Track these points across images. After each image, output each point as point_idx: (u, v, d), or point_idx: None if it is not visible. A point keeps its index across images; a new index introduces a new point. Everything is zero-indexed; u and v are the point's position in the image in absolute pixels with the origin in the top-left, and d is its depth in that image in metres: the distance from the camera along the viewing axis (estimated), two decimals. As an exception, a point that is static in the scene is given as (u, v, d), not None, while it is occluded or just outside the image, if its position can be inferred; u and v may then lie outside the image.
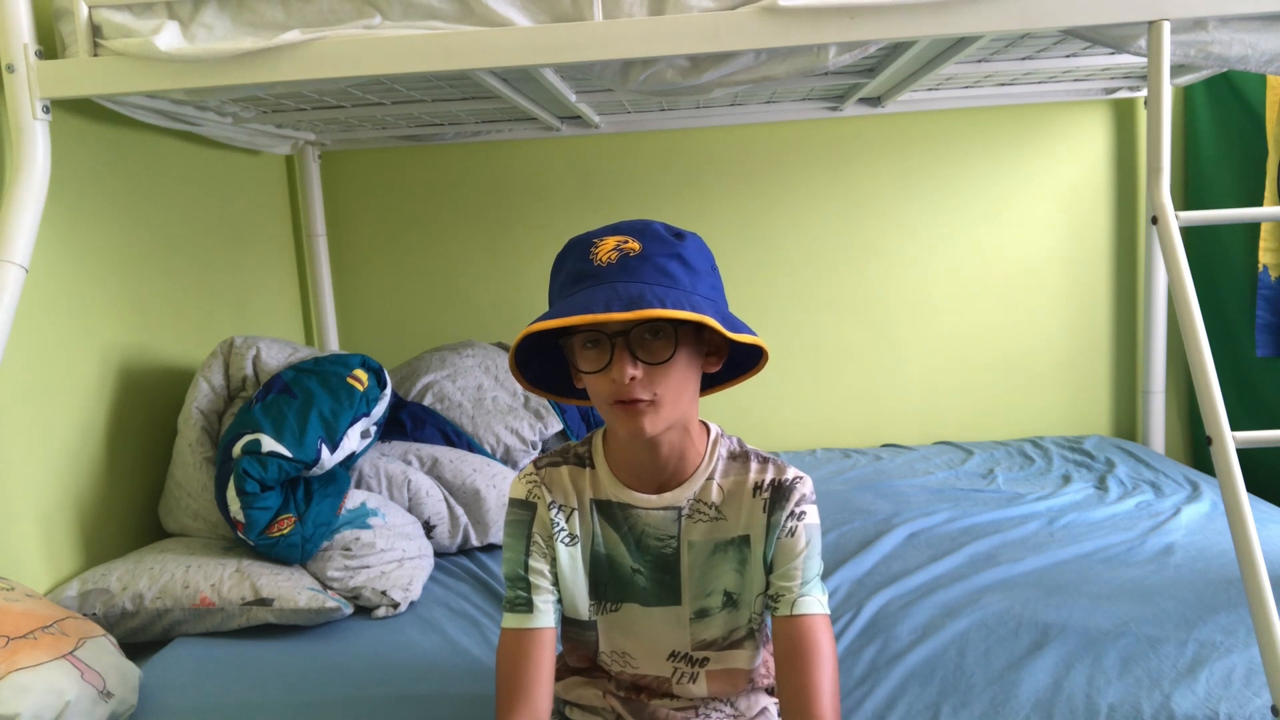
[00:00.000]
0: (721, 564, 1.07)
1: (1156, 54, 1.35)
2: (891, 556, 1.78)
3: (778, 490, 1.04)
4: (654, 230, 0.99)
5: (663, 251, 0.97)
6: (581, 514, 1.09)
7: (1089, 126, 2.57)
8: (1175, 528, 1.86)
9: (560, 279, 1.01)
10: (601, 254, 0.97)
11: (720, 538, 1.06)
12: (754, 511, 1.05)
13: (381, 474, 1.88)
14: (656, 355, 0.96)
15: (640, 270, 0.95)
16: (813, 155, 2.62)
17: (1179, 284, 1.30)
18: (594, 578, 1.10)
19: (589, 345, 0.97)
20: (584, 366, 0.98)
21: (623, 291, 0.92)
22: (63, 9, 1.48)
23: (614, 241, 0.97)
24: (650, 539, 1.07)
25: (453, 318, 2.73)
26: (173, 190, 2.07)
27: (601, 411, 1.01)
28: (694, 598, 1.08)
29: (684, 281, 0.96)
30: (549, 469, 1.10)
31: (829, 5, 1.36)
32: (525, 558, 1.08)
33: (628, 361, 0.94)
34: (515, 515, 1.09)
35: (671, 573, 1.08)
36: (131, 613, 1.56)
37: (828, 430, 2.72)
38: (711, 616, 1.09)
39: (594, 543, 1.09)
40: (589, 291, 0.94)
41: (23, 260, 1.42)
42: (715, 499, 1.06)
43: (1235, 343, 2.39)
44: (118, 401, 1.82)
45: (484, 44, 1.41)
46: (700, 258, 1.00)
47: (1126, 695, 1.24)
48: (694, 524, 1.06)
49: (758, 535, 1.05)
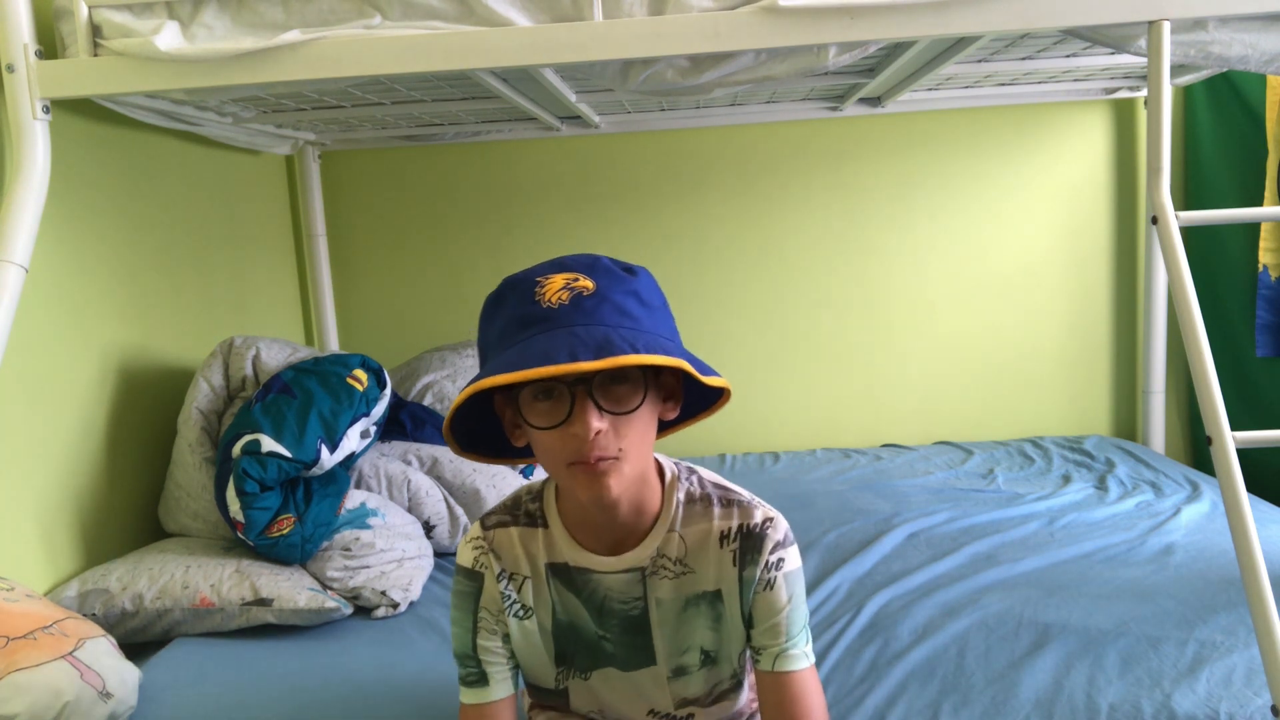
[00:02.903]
0: (694, 620, 0.98)
1: (1156, 54, 1.35)
2: (891, 556, 1.78)
3: (747, 539, 0.94)
4: (604, 265, 0.89)
5: (619, 289, 0.86)
6: (536, 581, 0.99)
7: (1089, 126, 2.57)
8: (1175, 528, 1.86)
9: (498, 325, 0.88)
10: (550, 294, 0.85)
11: (689, 592, 0.97)
12: (723, 565, 0.95)
13: (381, 474, 1.88)
14: (623, 404, 0.85)
15: (598, 311, 0.84)
16: (813, 155, 2.62)
17: (1179, 284, 1.30)
18: (559, 648, 1.01)
19: (541, 397, 0.85)
20: (537, 422, 0.86)
21: (585, 336, 0.81)
22: (63, 9, 1.48)
23: (562, 280, 0.86)
24: (614, 603, 0.98)
25: (453, 318, 2.73)
26: (172, 190, 2.07)
27: (555, 473, 0.90)
28: (669, 656, 1.00)
29: (644, 321, 0.86)
30: (497, 530, 1.00)
31: (829, 5, 1.36)
32: (473, 637, 0.99)
33: (592, 413, 0.83)
34: (461, 586, 1.00)
35: (642, 633, 0.99)
36: (131, 613, 1.56)
37: (828, 430, 2.72)
38: (690, 674, 1.01)
39: (554, 612, 1.00)
40: (546, 337, 0.82)
41: (23, 260, 1.42)
42: (678, 554, 0.96)
43: (1235, 343, 2.39)
44: (118, 401, 1.82)
45: (484, 44, 1.40)
46: (654, 294, 0.90)
47: (1127, 695, 1.24)
48: (659, 581, 0.96)
49: (730, 590, 0.96)
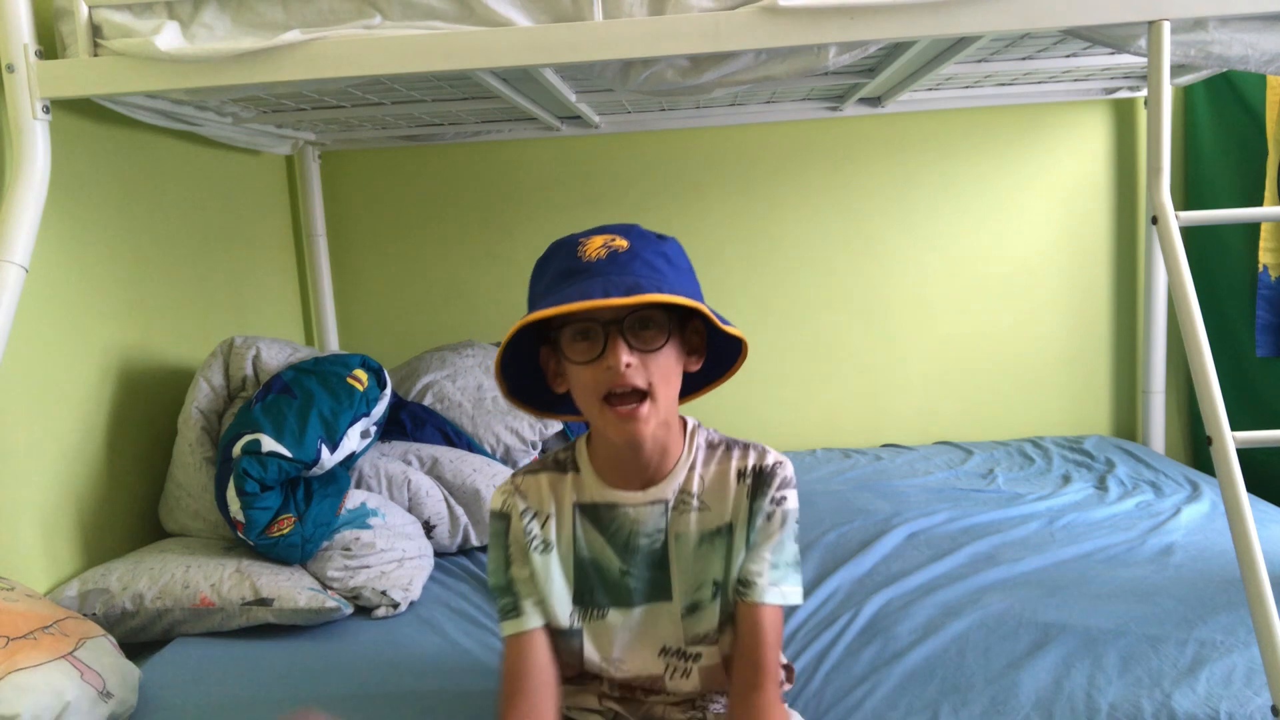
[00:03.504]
0: (709, 555, 1.08)
1: (1156, 54, 1.35)
2: (891, 556, 1.78)
3: (759, 475, 1.06)
4: (638, 230, 1.03)
5: (650, 249, 1.00)
6: (560, 520, 1.09)
7: (1089, 126, 2.57)
8: (1175, 528, 1.86)
9: (546, 278, 1.02)
10: (590, 251, 0.99)
11: (706, 528, 1.08)
12: (739, 499, 1.07)
13: (381, 474, 1.88)
14: (649, 343, 0.98)
15: (630, 265, 0.97)
16: (813, 155, 2.62)
17: (1179, 284, 1.30)
18: (579, 584, 1.10)
19: (579, 338, 0.98)
20: (576, 358, 0.99)
21: (618, 281, 0.95)
22: (63, 9, 1.47)
23: (601, 240, 1.00)
24: (640, 536, 1.08)
25: (453, 318, 2.73)
26: (173, 190, 2.07)
27: (591, 414, 1.01)
28: (685, 592, 1.09)
29: (670, 276, 0.99)
30: (526, 477, 1.11)
31: (829, 5, 1.36)
32: (506, 568, 1.09)
33: (622, 349, 0.96)
34: (493, 528, 1.11)
35: (662, 569, 1.09)
36: (131, 613, 1.56)
37: (828, 430, 2.72)
38: (703, 610, 1.09)
39: (576, 548, 1.09)
40: (584, 283, 0.96)
41: (23, 260, 1.42)
42: (698, 489, 1.07)
43: (1235, 343, 2.39)
44: (118, 401, 1.82)
45: (484, 44, 1.40)
46: (681, 258, 1.03)
47: (1127, 695, 1.24)
48: (680, 515, 1.08)
49: (740, 521, 1.07)
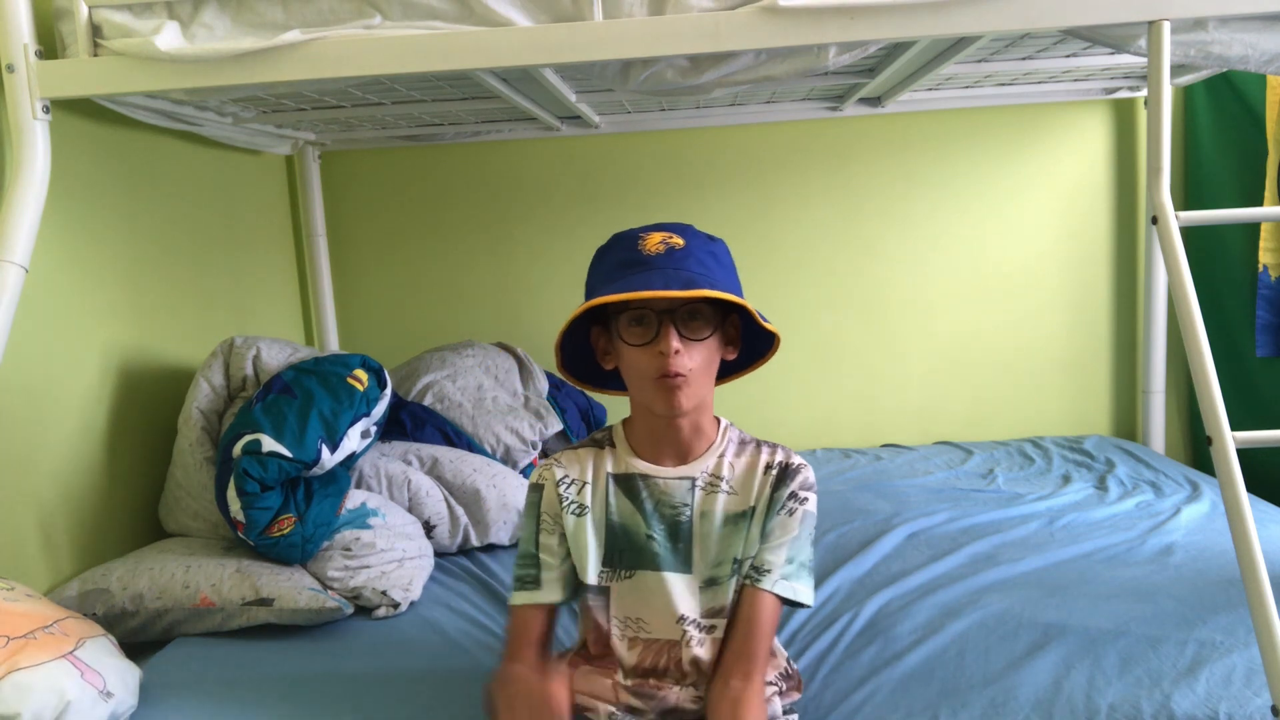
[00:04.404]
0: (732, 536, 1.15)
1: (1156, 54, 1.35)
2: (891, 556, 1.78)
3: (784, 470, 1.16)
4: (693, 230, 1.14)
5: (703, 249, 1.11)
6: (595, 488, 1.18)
7: (1089, 126, 2.57)
8: (1175, 528, 1.86)
9: (605, 266, 1.12)
10: (650, 245, 1.09)
11: (732, 511, 1.16)
12: (763, 488, 1.16)
13: (381, 474, 1.88)
14: (696, 333, 1.09)
15: (685, 261, 1.08)
16: (813, 155, 2.62)
17: (1179, 284, 1.30)
18: (609, 546, 1.17)
19: (635, 323, 1.09)
20: (631, 340, 1.09)
21: (674, 276, 1.05)
22: (63, 9, 1.47)
23: (660, 236, 1.11)
24: (665, 506, 1.16)
25: (453, 318, 2.73)
26: (173, 190, 2.07)
27: (639, 389, 1.11)
28: (704, 568, 1.16)
29: (718, 273, 1.10)
30: (565, 453, 1.21)
31: (829, 5, 1.36)
32: (536, 535, 1.18)
33: (673, 335, 1.06)
34: (529, 499, 1.20)
35: (684, 540, 1.16)
36: (131, 613, 1.56)
37: (828, 430, 2.72)
38: (720, 585, 1.16)
39: (608, 513, 1.17)
40: (644, 275, 1.06)
41: (23, 260, 1.42)
42: (728, 475, 1.16)
43: (1235, 343, 2.39)
44: (118, 401, 1.82)
45: (484, 44, 1.41)
46: (727, 257, 1.15)
47: (1126, 695, 1.24)
48: (709, 496, 1.16)
49: (761, 507, 1.16)
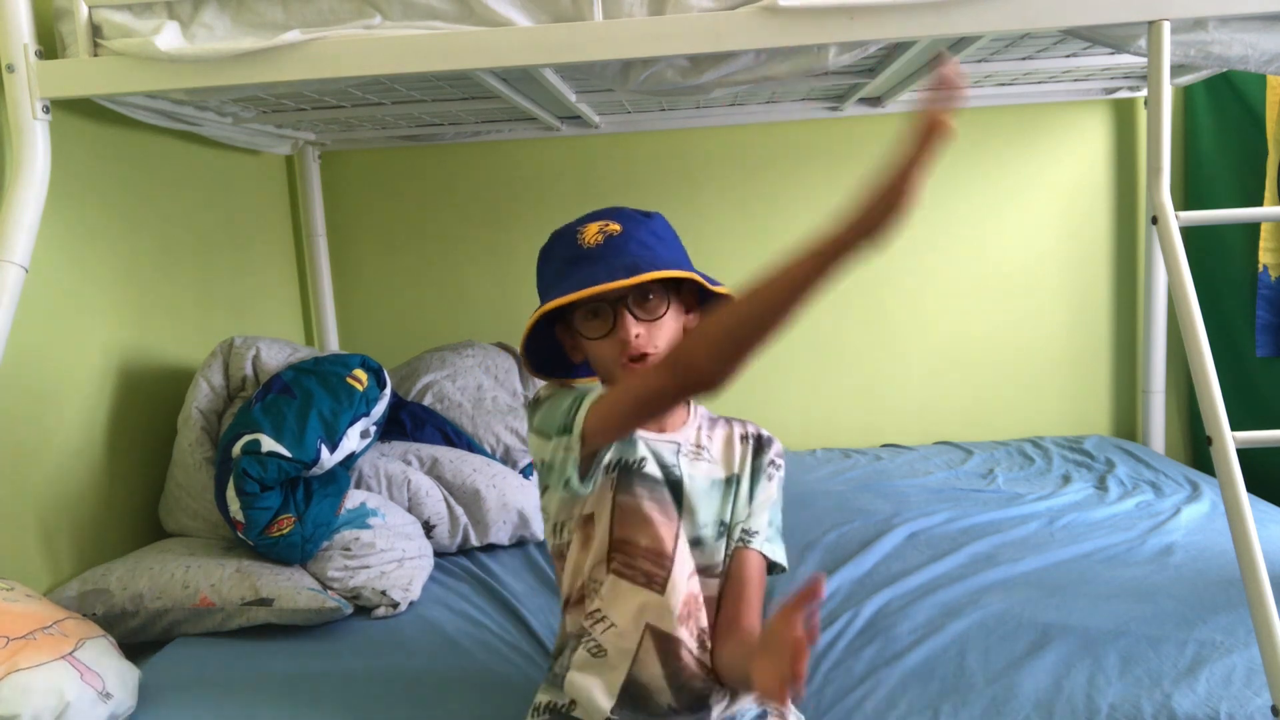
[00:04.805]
0: (715, 499, 1.18)
1: (1156, 54, 1.35)
2: (891, 556, 1.78)
3: (759, 441, 1.22)
4: (626, 213, 1.13)
5: (640, 230, 1.11)
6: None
7: (1089, 126, 2.57)
8: (1175, 528, 1.86)
9: (553, 266, 1.12)
10: (588, 238, 1.09)
11: (715, 477, 1.18)
12: (743, 457, 1.20)
13: (381, 474, 1.88)
14: (652, 312, 1.09)
15: (626, 247, 1.08)
16: (813, 155, 2.62)
17: (1179, 284, 1.30)
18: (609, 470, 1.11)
19: (590, 317, 1.09)
20: (591, 334, 1.09)
21: (617, 264, 1.05)
22: (63, 9, 1.48)
23: (596, 226, 1.10)
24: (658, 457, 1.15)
25: (453, 318, 2.73)
26: (173, 190, 2.06)
27: (611, 377, 1.11)
28: (691, 526, 1.16)
29: (660, 250, 1.10)
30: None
31: (829, 5, 1.36)
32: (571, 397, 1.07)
33: (630, 321, 1.06)
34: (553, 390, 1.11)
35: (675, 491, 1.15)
36: (131, 613, 1.56)
37: (828, 430, 2.72)
38: (705, 546, 1.17)
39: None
40: (588, 269, 1.05)
41: (23, 260, 1.42)
42: (708, 445, 1.19)
43: (1235, 343, 2.39)
44: (118, 401, 1.82)
45: (484, 44, 1.41)
46: (667, 232, 1.14)
47: (1127, 695, 1.24)
48: (694, 463, 1.17)
49: (745, 473, 1.20)
